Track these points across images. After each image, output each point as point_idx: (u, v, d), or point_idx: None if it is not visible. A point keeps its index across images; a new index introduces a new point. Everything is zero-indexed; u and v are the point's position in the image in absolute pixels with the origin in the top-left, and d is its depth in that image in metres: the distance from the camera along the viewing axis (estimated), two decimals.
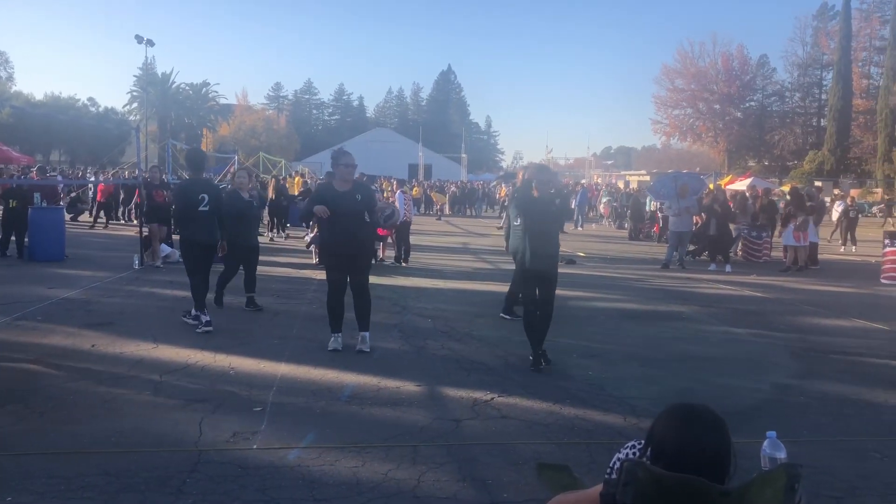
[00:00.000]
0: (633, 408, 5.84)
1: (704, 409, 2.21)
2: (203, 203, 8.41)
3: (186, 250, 8.51)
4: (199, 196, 8.41)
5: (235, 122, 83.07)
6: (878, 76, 62.00)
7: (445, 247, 20.25)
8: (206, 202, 8.42)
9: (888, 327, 9.63)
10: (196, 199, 8.39)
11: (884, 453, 5.01)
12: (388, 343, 7.94)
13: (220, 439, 4.90)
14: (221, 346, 7.47)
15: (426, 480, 4.32)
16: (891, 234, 15.31)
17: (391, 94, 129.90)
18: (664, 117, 73.24)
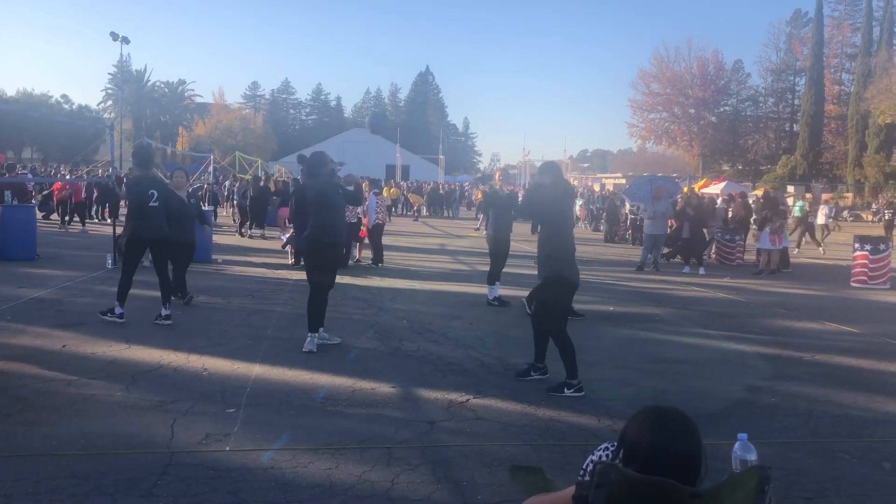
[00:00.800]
0: (606, 409, 5.87)
1: (675, 411, 2.23)
2: (153, 199, 8.50)
3: (132, 244, 8.56)
4: (150, 192, 8.51)
5: (212, 121, 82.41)
6: (849, 82, 62.98)
7: (422, 248, 20.24)
8: (155, 198, 8.52)
9: (858, 330, 9.76)
10: (146, 194, 8.47)
11: (853, 454, 5.08)
12: (364, 344, 7.91)
13: (192, 441, 4.85)
14: (195, 347, 7.40)
15: (400, 482, 4.31)
16: (861, 238, 15.54)
17: (369, 95, 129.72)
18: (640, 121, 73.84)
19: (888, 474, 4.75)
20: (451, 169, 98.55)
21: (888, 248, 14.72)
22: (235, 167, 48.19)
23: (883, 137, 51.91)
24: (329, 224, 7.55)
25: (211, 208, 19.62)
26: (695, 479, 2.14)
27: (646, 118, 73.26)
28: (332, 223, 7.58)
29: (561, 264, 6.39)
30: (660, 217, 16.27)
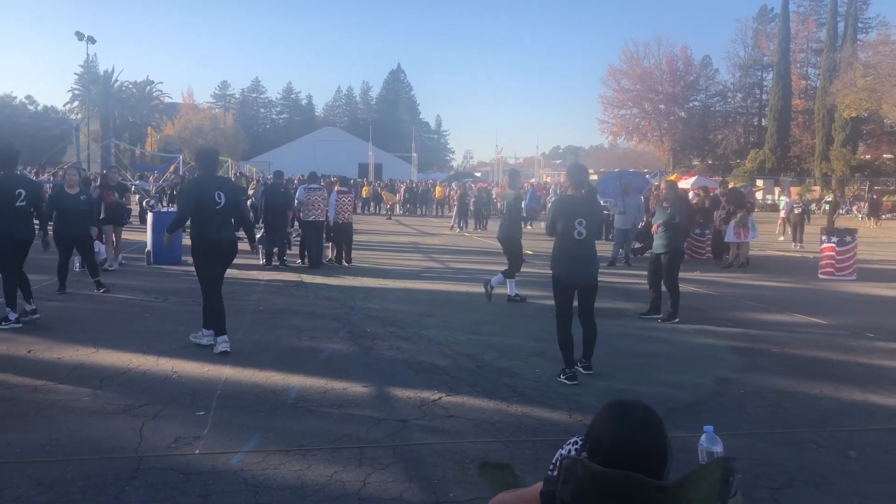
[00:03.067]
0: (578, 404, 5.90)
1: (637, 405, 2.23)
2: (20, 198, 8.33)
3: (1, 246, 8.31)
4: (17, 191, 8.33)
5: (181, 121, 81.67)
6: (815, 77, 63.84)
7: (395, 246, 20.19)
8: (22, 197, 8.35)
9: (826, 321, 9.91)
10: (13, 194, 8.29)
11: (820, 444, 5.15)
12: (336, 344, 7.87)
13: (161, 445, 4.79)
14: (164, 350, 7.32)
15: (372, 482, 4.29)
16: (828, 231, 15.78)
17: (340, 93, 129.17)
18: (611, 117, 74.28)
19: (853, 462, 4.82)
20: (425, 167, 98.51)
21: (854, 240, 14.96)
22: None
23: (849, 131, 52.73)
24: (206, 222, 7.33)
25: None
26: (661, 471, 2.15)
27: (616, 114, 73.73)
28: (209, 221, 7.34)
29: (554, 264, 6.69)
30: (629, 212, 16.38)
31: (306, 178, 16.26)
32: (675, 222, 9.57)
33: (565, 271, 6.62)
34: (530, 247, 20.27)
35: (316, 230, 14.46)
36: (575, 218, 6.56)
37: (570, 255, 6.60)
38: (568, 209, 6.65)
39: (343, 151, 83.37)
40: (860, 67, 43.25)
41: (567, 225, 6.58)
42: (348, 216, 15.14)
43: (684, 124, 71.79)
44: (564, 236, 6.61)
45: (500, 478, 2.85)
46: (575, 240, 6.57)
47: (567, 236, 6.60)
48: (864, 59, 44.64)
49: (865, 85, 41.49)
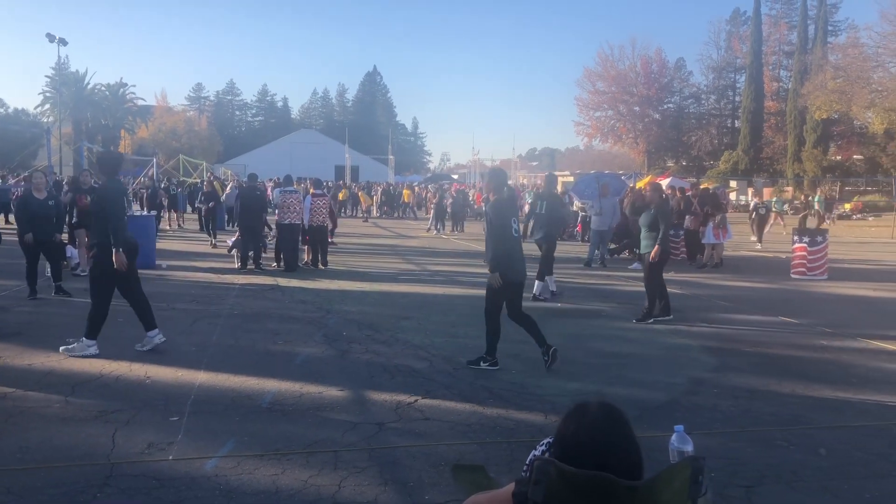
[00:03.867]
0: (553, 405, 5.92)
1: (600, 404, 2.24)
2: None
3: None
4: None
5: (155, 123, 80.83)
6: (787, 79, 64.55)
7: (372, 249, 20.15)
8: None
9: (797, 320, 10.04)
10: None
11: (790, 441, 5.22)
12: (311, 348, 7.84)
13: (134, 451, 4.75)
14: (138, 356, 7.25)
15: (347, 486, 4.28)
16: (799, 231, 15.99)
17: (316, 95, 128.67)
18: (586, 119, 74.58)
19: (823, 459, 4.89)
20: (402, 169, 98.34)
21: (825, 240, 15.16)
22: (180, 170, 47.29)
23: (820, 132, 53.37)
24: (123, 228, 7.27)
25: (153, 213, 19.19)
26: (633, 470, 2.16)
27: (592, 116, 74.07)
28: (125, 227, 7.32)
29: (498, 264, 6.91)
30: (606, 213, 16.49)
31: (281, 181, 16.16)
32: (659, 224, 9.62)
33: (511, 270, 6.97)
34: None
35: (291, 233, 14.41)
36: (509, 218, 7.00)
37: (513, 255, 7.01)
38: (503, 212, 7.00)
39: (319, 154, 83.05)
40: (830, 70, 43.81)
41: (506, 226, 6.95)
42: (323, 219, 15.11)
43: (659, 126, 72.31)
44: (506, 237, 6.95)
45: (473, 480, 2.85)
46: (514, 238, 7.02)
47: (508, 237, 6.96)
48: (834, 62, 45.25)
49: (835, 87, 42.05)
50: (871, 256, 20.56)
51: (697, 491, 2.17)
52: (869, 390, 6.58)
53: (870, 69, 41.31)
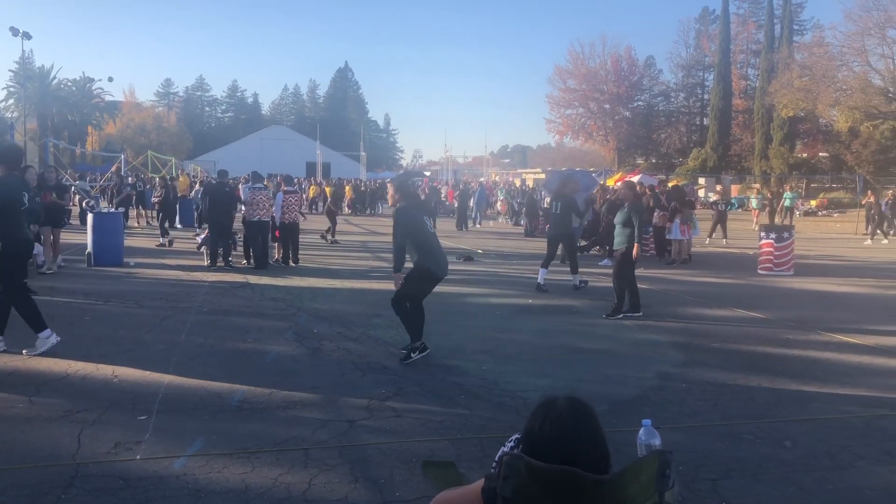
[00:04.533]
0: (525, 401, 5.95)
1: (564, 398, 2.25)
2: None
3: None
4: None
5: (123, 119, 79.90)
6: (754, 77, 65.47)
7: (343, 246, 20.06)
8: None
9: (764, 315, 10.18)
10: None
11: (757, 434, 5.29)
12: (282, 346, 7.79)
13: (100, 451, 4.68)
14: (105, 355, 7.14)
15: (317, 483, 4.27)
16: (766, 228, 16.22)
17: (287, 91, 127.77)
18: (558, 116, 75.07)
19: (788, 452, 4.97)
20: (374, 165, 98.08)
21: (792, 236, 15.40)
22: (148, 167, 46.72)
23: (786, 130, 54.22)
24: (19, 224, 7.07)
25: (122, 210, 18.93)
26: (598, 465, 2.18)
27: (563, 114, 74.54)
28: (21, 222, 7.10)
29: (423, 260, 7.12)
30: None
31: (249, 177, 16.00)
32: (632, 222, 9.69)
33: (435, 265, 7.18)
34: (480, 245, 20.39)
35: (261, 230, 14.31)
36: (421, 217, 7.22)
37: (436, 251, 7.27)
38: (414, 213, 7.21)
39: (290, 150, 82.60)
40: (796, 68, 44.47)
41: (421, 224, 7.18)
42: (295, 216, 15.04)
43: (629, 123, 72.95)
44: (426, 235, 7.17)
45: (443, 476, 2.87)
46: (432, 233, 7.24)
47: (427, 234, 7.18)
48: (800, 61, 45.94)
49: (801, 85, 42.69)
50: (835, 252, 20.92)
51: (664, 484, 2.19)
52: (833, 384, 6.70)
53: (834, 68, 42.02)
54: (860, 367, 7.43)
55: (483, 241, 22.62)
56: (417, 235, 7.12)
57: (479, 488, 2.26)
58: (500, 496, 2.11)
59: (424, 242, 7.14)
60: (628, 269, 9.82)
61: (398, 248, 7.15)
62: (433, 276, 7.20)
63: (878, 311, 10.85)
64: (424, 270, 7.14)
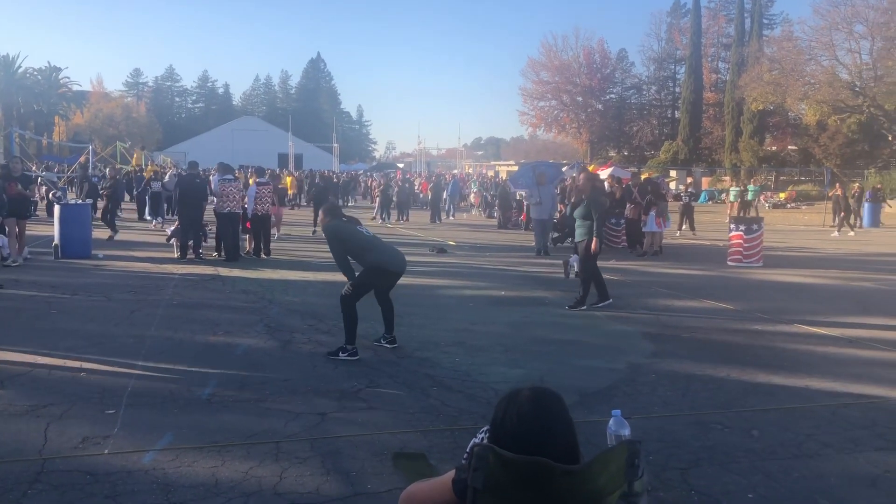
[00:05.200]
0: (496, 392, 5.96)
1: (532, 389, 2.26)
2: None
3: None
4: None
5: (91, 109, 78.59)
6: (725, 71, 66.00)
7: (315, 238, 19.94)
8: None
9: (733, 306, 10.30)
10: None
11: (725, 424, 5.36)
12: (253, 338, 7.74)
13: (67, 446, 4.62)
14: (72, 348, 7.05)
15: (288, 476, 4.25)
16: (736, 220, 16.40)
17: (258, 82, 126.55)
18: (531, 109, 75.10)
19: (756, 441, 5.04)
20: (346, 157, 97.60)
21: (761, 228, 15.58)
22: (117, 158, 46.06)
23: (756, 123, 54.79)
24: None
25: (89, 201, 18.62)
26: (568, 455, 2.18)
27: (536, 106, 74.62)
28: None
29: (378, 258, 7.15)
30: (545, 202, 16.62)
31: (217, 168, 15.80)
32: (592, 214, 9.74)
33: (388, 261, 7.21)
34: (453, 237, 20.39)
35: (231, 222, 14.17)
36: (354, 228, 7.30)
37: (382, 249, 7.27)
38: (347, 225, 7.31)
39: (262, 141, 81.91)
40: (766, 62, 44.94)
41: (357, 233, 7.25)
42: (267, 207, 14.92)
43: (601, 116, 73.24)
44: (363, 239, 7.22)
45: (413, 468, 2.87)
46: (371, 236, 7.33)
47: (364, 238, 7.24)
48: (770, 55, 46.40)
49: (771, 79, 43.18)
50: (803, 244, 21.22)
51: (634, 474, 2.20)
52: (800, 373, 6.80)
53: (803, 62, 42.55)
54: (827, 356, 7.55)
55: (456, 233, 22.63)
56: (354, 243, 7.15)
57: (449, 480, 2.26)
58: (471, 487, 2.11)
59: (365, 247, 7.14)
60: (591, 262, 9.87)
61: (340, 262, 7.17)
62: (386, 271, 7.18)
63: (844, 301, 11.03)
64: (376, 267, 7.13)
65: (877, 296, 11.68)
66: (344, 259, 7.18)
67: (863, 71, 40.98)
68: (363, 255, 7.14)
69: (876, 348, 7.91)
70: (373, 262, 7.12)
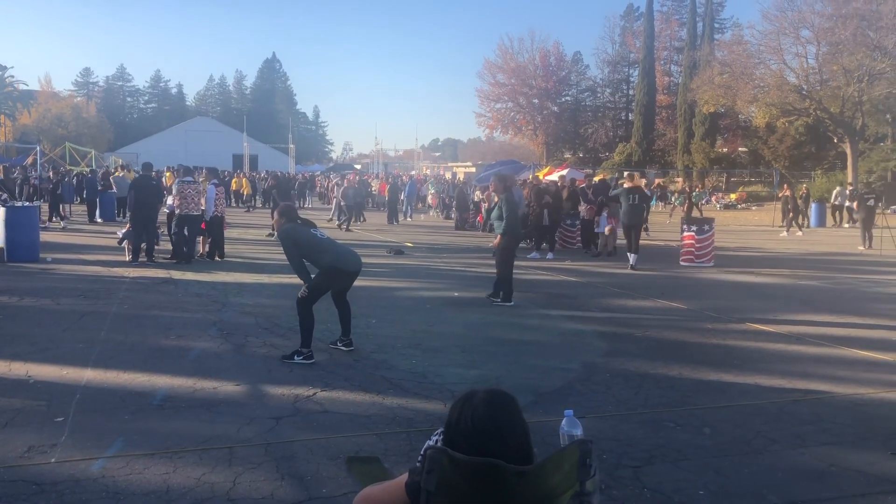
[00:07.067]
0: (453, 393, 5.97)
1: (486, 391, 2.27)
2: None
3: None
4: None
5: (39, 109, 76.67)
6: (677, 74, 67.14)
7: (270, 241, 19.75)
8: None
9: (685, 306, 10.48)
10: None
11: (677, 422, 5.45)
12: (205, 342, 7.63)
13: (11, 455, 4.50)
14: (18, 354, 6.87)
15: (242, 482, 4.19)
16: (688, 220, 16.69)
17: (213, 82, 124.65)
18: (487, 111, 75.42)
19: (708, 438, 5.13)
20: (303, 158, 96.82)
21: (712, 229, 15.88)
22: (66, 159, 45.03)
23: (708, 125, 55.80)
24: None
25: (37, 203, 18.17)
26: (520, 456, 2.19)
27: (493, 108, 74.96)
28: None
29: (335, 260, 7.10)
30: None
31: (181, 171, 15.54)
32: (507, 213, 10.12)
33: (342, 262, 7.15)
34: (411, 239, 20.37)
35: (189, 224, 13.96)
36: (308, 231, 7.22)
37: (336, 250, 7.22)
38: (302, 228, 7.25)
39: (216, 142, 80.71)
40: (717, 65, 45.73)
41: (310, 234, 7.22)
42: (221, 209, 14.75)
43: (557, 118, 73.87)
44: (317, 241, 7.18)
45: (367, 472, 2.85)
46: (325, 238, 7.29)
47: (318, 240, 7.20)
48: (721, 58, 47.24)
49: (722, 82, 43.94)
50: (753, 244, 21.69)
51: (586, 473, 2.23)
52: (750, 371, 6.94)
53: (753, 66, 43.37)
54: (775, 354, 7.73)
55: (413, 234, 22.62)
56: (308, 246, 7.11)
57: (402, 482, 2.26)
58: (424, 490, 2.11)
59: (319, 249, 7.11)
60: (508, 258, 10.31)
61: (296, 265, 7.13)
62: (342, 271, 7.15)
63: (792, 300, 11.29)
64: (331, 268, 7.09)
65: (823, 294, 11.98)
66: (299, 262, 7.12)
67: (809, 75, 41.96)
68: (318, 257, 7.09)
69: (822, 345, 8.12)
70: (328, 264, 7.08)
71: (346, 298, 7.45)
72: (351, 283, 7.41)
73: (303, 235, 7.16)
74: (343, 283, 7.33)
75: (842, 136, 40.67)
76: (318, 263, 7.12)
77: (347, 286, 7.41)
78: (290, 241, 7.09)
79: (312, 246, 7.11)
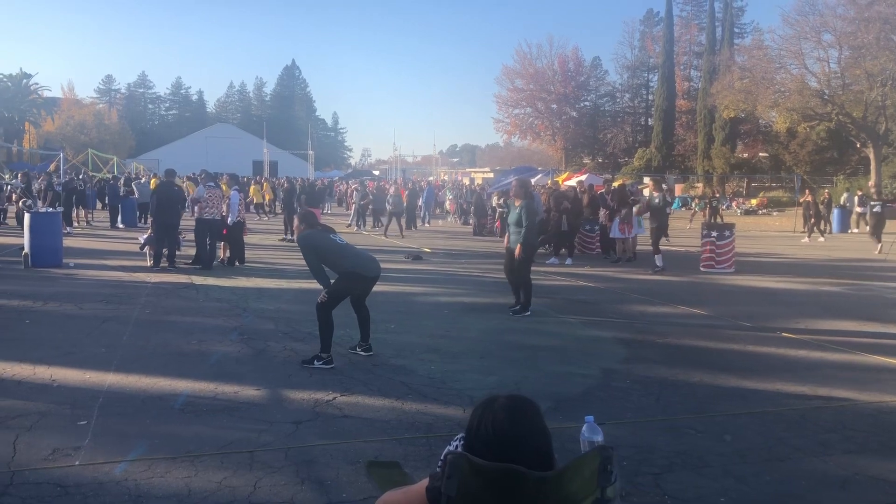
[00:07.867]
0: (471, 399, 5.97)
1: (507, 397, 2.28)
2: None
3: None
4: None
5: (62, 116, 77.64)
6: (697, 79, 66.77)
7: (289, 246, 19.85)
8: None
9: (705, 312, 10.41)
10: None
11: (698, 429, 5.41)
12: (227, 347, 7.68)
13: (36, 458, 4.56)
14: (42, 358, 6.95)
15: (263, 486, 4.22)
16: (708, 226, 16.58)
17: (233, 89, 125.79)
18: (505, 116, 75.39)
19: (728, 446, 5.09)
20: (322, 164, 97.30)
21: (732, 234, 15.77)
22: (89, 165, 45.53)
23: (728, 131, 55.46)
24: None
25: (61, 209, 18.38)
26: (541, 462, 2.20)
27: (511, 113, 74.92)
28: None
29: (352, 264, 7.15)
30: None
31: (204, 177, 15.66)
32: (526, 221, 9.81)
33: (361, 267, 7.22)
34: (429, 244, 20.40)
35: (211, 229, 14.07)
36: (327, 237, 7.28)
37: (356, 255, 7.29)
38: (321, 234, 7.31)
39: (237, 148, 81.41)
40: (737, 70, 45.44)
41: (329, 240, 7.26)
42: (241, 215, 14.88)
43: (575, 123, 73.68)
44: (336, 247, 7.21)
45: (387, 476, 2.87)
46: (343, 244, 7.30)
47: (337, 245, 7.23)
48: (741, 63, 46.94)
49: (742, 87, 43.66)
50: (774, 250, 21.51)
51: (607, 479, 2.23)
52: (771, 378, 6.88)
53: (773, 70, 43.08)
54: (797, 361, 7.66)
55: (432, 240, 22.65)
56: (327, 251, 7.13)
57: (423, 488, 2.27)
58: (445, 495, 2.12)
59: (339, 255, 7.14)
60: (525, 268, 9.94)
61: (315, 270, 7.16)
62: (362, 276, 7.19)
63: (814, 307, 11.19)
64: (350, 273, 7.13)
65: (845, 300, 11.86)
66: (319, 268, 7.15)
67: (831, 79, 41.59)
68: (338, 263, 7.13)
69: (844, 352, 8.03)
70: (347, 269, 7.12)
71: (366, 304, 7.47)
72: (370, 288, 7.43)
73: (322, 241, 7.19)
74: (362, 288, 7.35)
75: (864, 140, 40.26)
76: (337, 269, 7.15)
77: (367, 291, 7.43)
78: (310, 247, 7.14)
79: (332, 251, 7.15)
